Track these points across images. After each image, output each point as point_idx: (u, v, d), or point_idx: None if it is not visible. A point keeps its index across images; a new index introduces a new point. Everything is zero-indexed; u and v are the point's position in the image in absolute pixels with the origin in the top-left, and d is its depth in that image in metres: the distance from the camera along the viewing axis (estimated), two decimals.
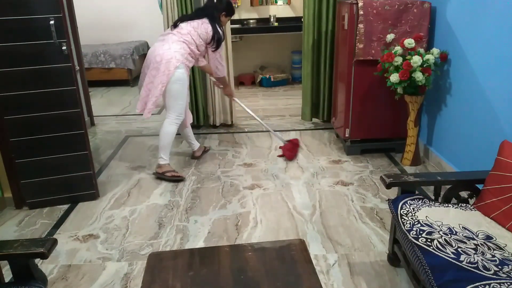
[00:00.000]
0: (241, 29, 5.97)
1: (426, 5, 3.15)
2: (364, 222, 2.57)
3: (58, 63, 2.58)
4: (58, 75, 2.61)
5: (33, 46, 2.52)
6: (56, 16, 2.48)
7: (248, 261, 1.56)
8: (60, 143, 2.74)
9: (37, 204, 2.85)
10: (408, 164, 3.33)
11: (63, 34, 2.53)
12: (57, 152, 2.75)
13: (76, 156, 2.79)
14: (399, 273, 2.11)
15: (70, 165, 2.81)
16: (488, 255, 1.56)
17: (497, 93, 2.50)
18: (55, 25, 2.48)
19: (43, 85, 2.60)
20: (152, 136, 4.22)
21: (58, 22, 2.50)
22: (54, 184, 2.82)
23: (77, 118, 2.72)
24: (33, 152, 2.71)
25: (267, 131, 3.92)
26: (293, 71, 6.31)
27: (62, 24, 2.52)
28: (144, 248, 2.40)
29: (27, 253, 1.48)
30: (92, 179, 2.89)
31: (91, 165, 2.87)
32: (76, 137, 2.75)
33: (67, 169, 2.81)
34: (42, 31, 2.49)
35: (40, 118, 2.65)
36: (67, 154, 2.77)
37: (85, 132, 2.78)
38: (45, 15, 2.47)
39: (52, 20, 2.47)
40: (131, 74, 6.37)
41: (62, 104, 2.67)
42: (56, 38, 2.51)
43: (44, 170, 2.77)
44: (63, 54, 2.56)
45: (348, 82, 3.40)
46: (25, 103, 2.60)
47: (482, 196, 1.89)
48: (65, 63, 2.60)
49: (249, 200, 2.89)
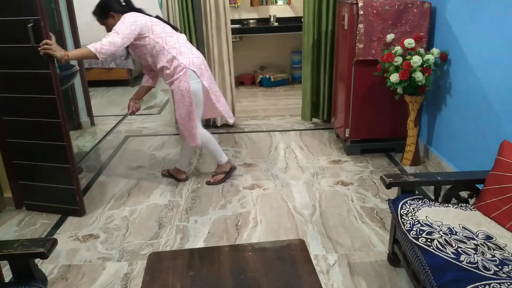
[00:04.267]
0: (241, 29, 5.97)
1: (426, 5, 3.15)
2: (364, 222, 2.57)
3: (37, 69, 2.40)
4: (37, 81, 2.44)
5: (14, 49, 2.40)
6: (34, 18, 2.29)
7: (248, 261, 1.56)
8: (43, 152, 2.60)
9: (32, 207, 2.82)
10: (408, 164, 3.33)
11: (42, 38, 2.33)
12: (42, 160, 2.63)
13: (58, 168, 2.61)
14: (399, 273, 2.11)
15: (54, 176, 2.66)
16: (488, 255, 1.56)
17: (497, 93, 2.50)
18: (33, 29, 2.29)
19: (25, 90, 2.48)
20: (152, 136, 4.22)
21: (36, 25, 2.30)
22: (44, 191, 2.72)
23: (57, 129, 2.50)
24: (25, 155, 2.66)
25: (267, 131, 3.89)
26: (293, 71, 6.30)
27: (41, 28, 2.31)
28: (144, 248, 2.40)
29: (27, 253, 1.48)
30: (75, 196, 2.67)
31: (75, 181, 2.64)
32: (57, 149, 2.56)
33: (53, 179, 2.67)
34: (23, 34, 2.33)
35: (25, 123, 2.56)
36: (51, 164, 2.62)
37: (67, 145, 2.54)
38: (24, 17, 2.30)
39: (31, 23, 2.29)
40: (131, 74, 6.37)
41: (43, 112, 2.50)
42: (34, 42, 2.33)
43: (36, 175, 2.70)
44: (42, 60, 2.37)
45: (348, 82, 3.40)
46: (14, 106, 2.53)
47: (482, 196, 1.89)
48: (44, 69, 2.39)
49: (249, 200, 2.89)
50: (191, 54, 2.73)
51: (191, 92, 2.69)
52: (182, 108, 2.76)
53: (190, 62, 2.69)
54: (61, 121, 2.50)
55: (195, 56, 2.75)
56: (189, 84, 2.67)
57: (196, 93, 2.72)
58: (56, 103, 2.46)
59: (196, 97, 2.73)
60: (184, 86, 2.68)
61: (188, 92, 2.69)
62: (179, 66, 2.66)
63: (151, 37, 2.64)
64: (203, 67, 2.77)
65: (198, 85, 2.73)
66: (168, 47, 2.66)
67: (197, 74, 2.70)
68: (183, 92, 2.69)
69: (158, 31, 2.66)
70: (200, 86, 2.74)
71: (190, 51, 2.74)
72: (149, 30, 2.64)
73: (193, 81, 2.69)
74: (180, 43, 2.72)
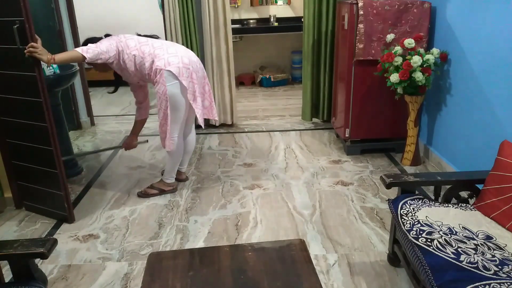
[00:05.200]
0: (241, 29, 5.97)
1: (426, 5, 3.15)
2: (364, 222, 2.57)
3: (23, 71, 2.35)
4: (24, 84, 2.39)
5: (1, 50, 2.37)
6: (19, 19, 2.23)
7: (248, 261, 1.57)
8: (33, 155, 2.57)
9: (30, 209, 2.82)
10: (408, 164, 3.33)
11: (28, 39, 2.27)
12: (35, 163, 2.60)
13: (48, 173, 2.55)
14: (399, 273, 2.11)
15: (45, 180, 2.62)
16: (488, 255, 1.56)
17: (497, 93, 2.50)
18: (19, 29, 2.24)
19: (13, 92, 2.45)
20: (152, 136, 4.22)
21: (21, 26, 2.24)
22: (39, 194, 2.69)
23: (45, 133, 2.42)
24: (21, 157, 2.66)
25: (267, 131, 3.90)
26: (293, 71, 6.30)
27: (25, 29, 2.25)
28: (144, 248, 2.40)
29: (27, 253, 1.48)
30: (63, 202, 2.61)
31: (64, 187, 2.57)
32: (45, 153, 2.50)
33: (45, 183, 2.64)
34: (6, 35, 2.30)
35: (20, 125, 2.53)
36: (42, 168, 2.58)
37: (54, 150, 2.47)
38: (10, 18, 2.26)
39: (17, 24, 2.24)
40: None
41: (30, 115, 2.45)
42: (19, 44, 2.28)
43: (31, 177, 2.68)
44: (29, 62, 2.30)
45: (348, 82, 3.40)
46: (6, 107, 2.52)
47: (482, 196, 1.89)
48: (29, 72, 2.33)
49: (249, 200, 2.89)
50: (166, 53, 2.62)
51: (168, 95, 2.59)
52: (160, 111, 2.69)
53: (165, 62, 2.58)
54: (48, 125, 2.41)
55: (172, 55, 2.61)
56: (166, 86, 2.57)
57: (173, 97, 2.60)
58: (43, 107, 2.38)
59: (173, 101, 2.61)
60: (161, 88, 2.59)
61: (164, 95, 2.59)
62: (157, 69, 2.60)
63: (127, 52, 2.65)
64: (182, 65, 2.59)
65: (176, 89, 2.60)
66: (145, 55, 2.64)
67: (174, 74, 2.57)
68: (160, 94, 2.62)
69: (132, 44, 2.67)
70: (179, 89, 2.61)
71: (165, 51, 2.64)
72: (125, 45, 2.66)
73: (170, 84, 2.57)
74: (154, 47, 2.67)
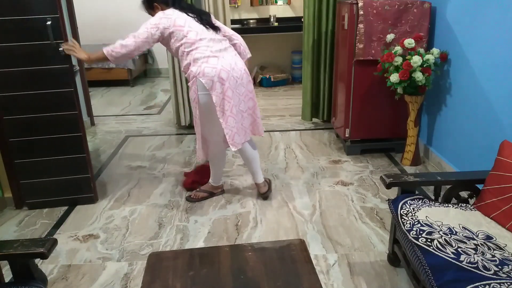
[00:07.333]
0: (241, 29, 5.97)
1: (426, 5, 3.15)
2: (364, 222, 2.57)
3: (55, 64, 2.55)
4: (55, 77, 2.58)
5: (30, 47, 2.49)
6: (53, 16, 2.45)
7: (248, 261, 1.57)
8: (57, 145, 2.70)
9: (36, 205, 2.84)
10: (408, 164, 3.33)
11: (61, 35, 2.49)
12: (55, 154, 2.73)
13: (73, 159, 2.76)
14: (399, 273, 2.11)
15: (67, 167, 2.77)
16: (488, 255, 1.56)
17: (497, 93, 2.50)
18: (52, 26, 2.45)
19: (40, 86, 2.57)
20: (152, 136, 4.22)
21: (55, 22, 2.46)
22: (52, 185, 2.79)
23: (75, 120, 2.68)
24: (32, 153, 2.70)
25: (267, 131, 3.88)
26: (293, 71, 6.30)
27: (59, 25, 2.48)
28: (144, 248, 2.40)
29: (27, 253, 1.48)
30: (90, 183, 2.84)
31: (90, 168, 2.82)
32: (73, 140, 2.72)
33: (64, 171, 2.78)
34: (39, 32, 2.46)
35: (38, 120, 2.63)
36: (65, 156, 2.74)
37: (83, 135, 2.73)
38: (42, 15, 2.44)
39: (50, 20, 2.44)
40: (131, 74, 6.36)
41: (60, 106, 2.64)
42: (53, 39, 2.47)
43: (43, 171, 2.75)
44: (60, 55, 2.53)
45: (348, 82, 3.40)
46: (23, 104, 2.59)
47: (482, 196, 1.89)
48: (62, 65, 2.56)
49: (249, 200, 2.89)
50: (205, 63, 2.45)
51: (199, 103, 2.50)
52: (195, 118, 2.59)
53: (200, 71, 2.43)
54: (78, 112, 2.68)
55: (209, 66, 2.44)
56: (197, 94, 2.47)
57: (204, 105, 2.50)
58: (73, 96, 2.64)
59: (203, 109, 2.51)
60: (192, 95, 2.51)
61: (195, 102, 2.51)
62: (191, 74, 2.49)
63: (172, 42, 2.52)
64: (217, 79, 2.43)
65: (207, 98, 2.47)
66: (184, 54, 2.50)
67: (205, 86, 2.44)
68: (192, 100, 2.56)
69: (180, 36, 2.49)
70: (211, 99, 2.47)
71: (206, 59, 2.46)
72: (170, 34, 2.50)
73: (201, 93, 2.46)
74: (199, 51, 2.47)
